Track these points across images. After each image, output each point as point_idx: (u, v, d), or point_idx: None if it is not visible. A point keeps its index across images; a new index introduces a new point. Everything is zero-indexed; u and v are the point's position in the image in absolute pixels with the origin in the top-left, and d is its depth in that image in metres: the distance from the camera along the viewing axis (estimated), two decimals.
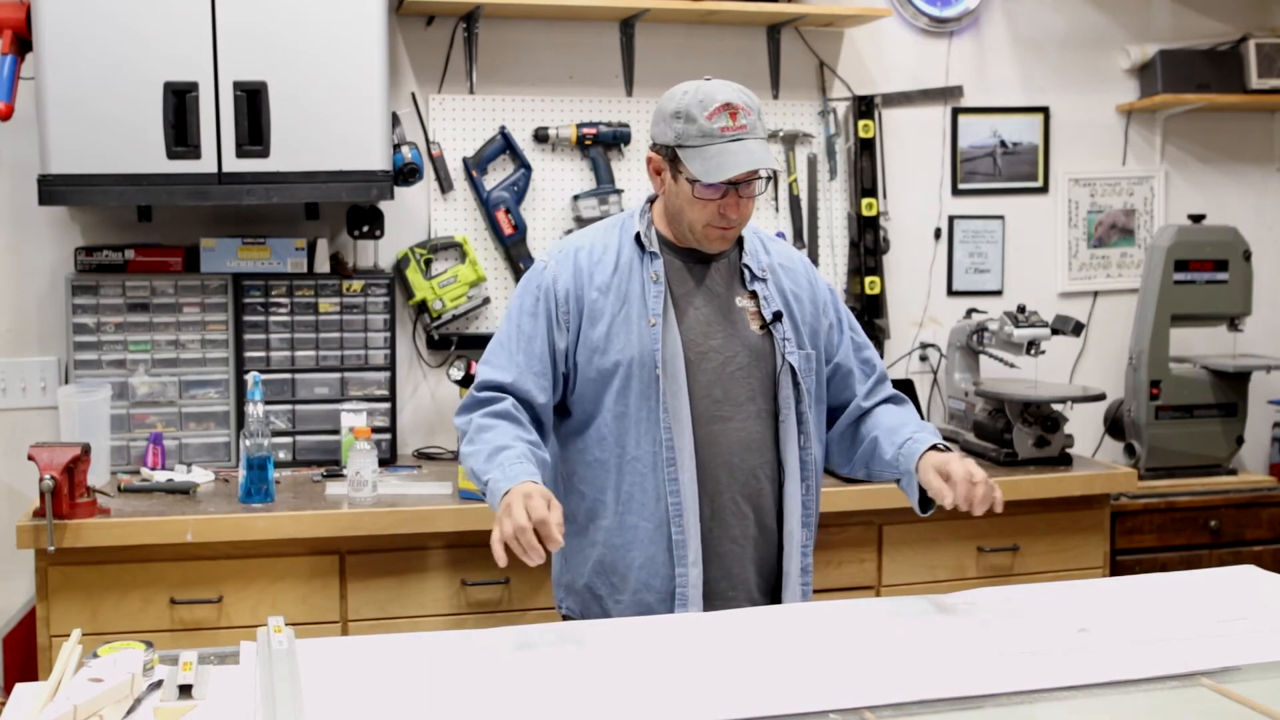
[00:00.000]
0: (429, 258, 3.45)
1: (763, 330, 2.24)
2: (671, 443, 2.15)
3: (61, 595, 2.71)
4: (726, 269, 2.26)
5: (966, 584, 3.07)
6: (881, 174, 3.81)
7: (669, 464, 2.15)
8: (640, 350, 2.16)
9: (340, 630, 2.84)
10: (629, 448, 2.18)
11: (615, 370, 2.17)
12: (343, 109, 2.99)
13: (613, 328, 2.18)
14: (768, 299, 2.24)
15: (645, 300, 2.18)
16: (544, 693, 1.71)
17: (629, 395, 2.17)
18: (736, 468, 2.20)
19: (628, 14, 3.50)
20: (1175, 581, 2.26)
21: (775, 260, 2.30)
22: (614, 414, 2.18)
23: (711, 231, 2.17)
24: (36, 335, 3.31)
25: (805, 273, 2.34)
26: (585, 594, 2.27)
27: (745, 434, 2.21)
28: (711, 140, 2.10)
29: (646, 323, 2.17)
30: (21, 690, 1.70)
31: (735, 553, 2.22)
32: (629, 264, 2.21)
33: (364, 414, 3.23)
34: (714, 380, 2.20)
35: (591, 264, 2.21)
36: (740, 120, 2.10)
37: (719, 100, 2.10)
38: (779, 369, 2.22)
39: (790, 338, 2.24)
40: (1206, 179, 4.12)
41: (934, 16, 3.82)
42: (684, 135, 2.11)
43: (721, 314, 2.23)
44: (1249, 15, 4.09)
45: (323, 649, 1.87)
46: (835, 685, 1.71)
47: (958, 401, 3.72)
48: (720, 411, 2.19)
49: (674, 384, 2.16)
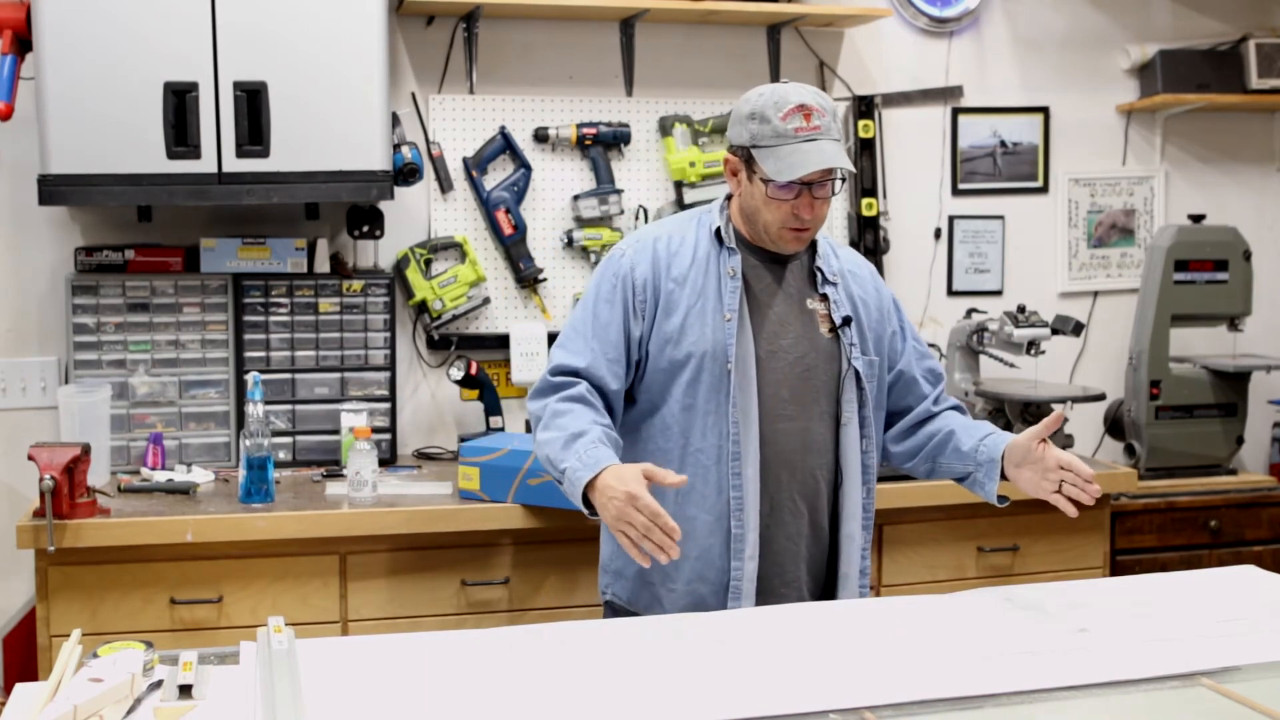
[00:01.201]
0: (429, 258, 3.45)
1: (831, 333, 2.27)
2: (738, 438, 2.17)
3: (61, 595, 2.71)
4: (800, 270, 2.29)
5: (966, 584, 3.07)
6: (881, 174, 3.81)
7: (734, 458, 2.17)
8: (714, 344, 2.18)
9: (340, 630, 2.84)
10: (694, 439, 2.20)
11: (687, 362, 2.19)
12: (343, 109, 2.99)
13: (688, 320, 2.20)
14: (838, 303, 2.27)
15: (722, 295, 2.20)
16: (543, 693, 1.71)
17: (698, 388, 2.19)
18: (797, 467, 2.23)
19: (628, 14, 3.50)
20: (1175, 581, 2.26)
21: (845, 266, 2.33)
22: (682, 405, 2.21)
23: (786, 233, 2.20)
24: (36, 335, 3.31)
25: (872, 279, 2.38)
26: (636, 581, 2.28)
27: (808, 434, 2.24)
28: (785, 140, 2.13)
29: (722, 318, 2.19)
30: (21, 690, 1.69)
31: (790, 550, 2.25)
32: (706, 257, 2.23)
33: (364, 414, 3.23)
34: (782, 380, 2.22)
35: (670, 254, 2.24)
36: (814, 121, 2.13)
37: (793, 101, 2.14)
38: (844, 373, 2.25)
39: (856, 342, 2.27)
40: (1206, 179, 4.12)
41: (934, 16, 3.82)
42: (759, 136, 2.15)
43: (794, 314, 2.25)
44: (1249, 15, 4.09)
45: (323, 649, 1.87)
46: (835, 685, 1.71)
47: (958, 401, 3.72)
48: (786, 411, 2.22)
49: (744, 380, 2.18)
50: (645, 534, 1.94)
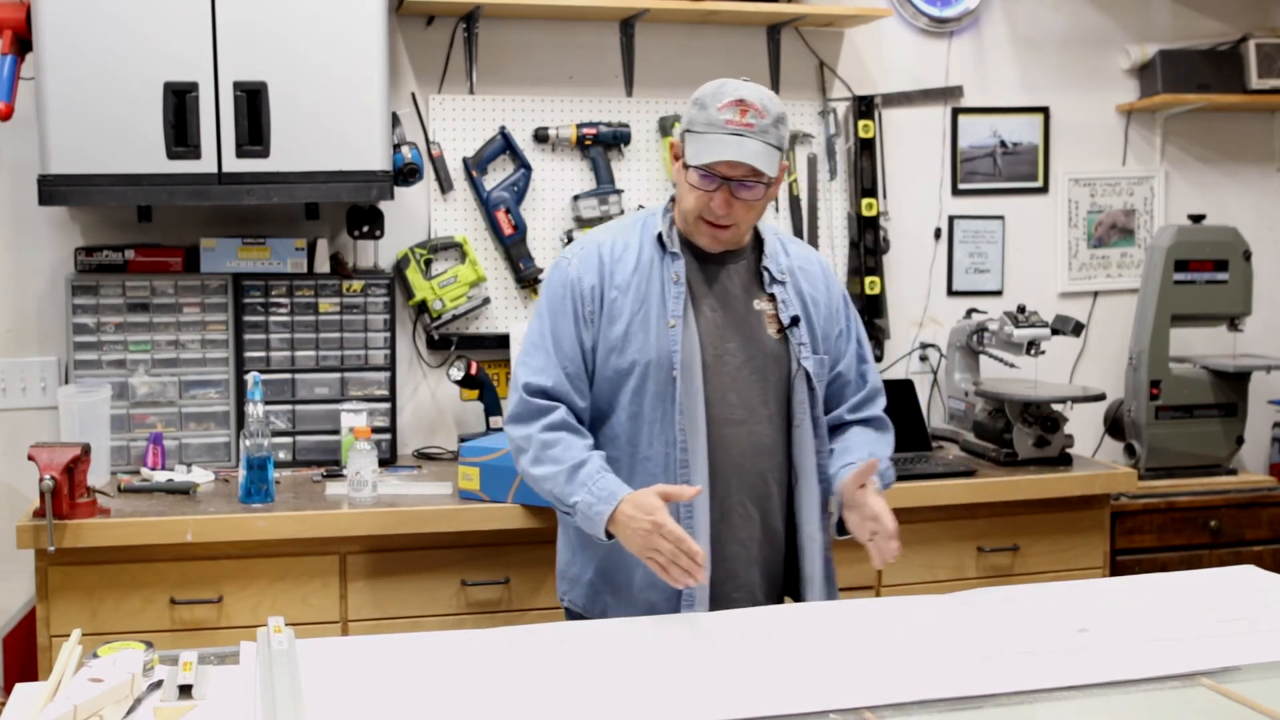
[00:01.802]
0: (429, 258, 3.45)
1: (779, 334, 2.24)
2: (686, 445, 2.15)
3: (61, 595, 2.71)
4: (746, 271, 2.26)
5: (966, 584, 3.07)
6: (881, 174, 3.81)
7: (682, 466, 2.16)
8: (658, 351, 2.16)
9: (340, 630, 2.84)
10: (641, 448, 2.18)
11: (631, 370, 2.18)
12: (343, 109, 2.99)
13: (631, 327, 2.18)
14: (786, 302, 2.24)
15: (665, 301, 2.18)
16: (544, 693, 1.71)
17: (644, 396, 2.17)
18: (747, 470, 2.21)
19: (628, 14, 3.50)
20: (1175, 581, 2.26)
21: (795, 263, 2.30)
22: (628, 414, 2.19)
23: (701, 225, 2.17)
24: (36, 335, 3.31)
25: (823, 275, 2.34)
26: (590, 589, 2.27)
27: (758, 438, 2.22)
28: (713, 129, 2.11)
29: (665, 324, 2.17)
30: (21, 690, 1.70)
31: (742, 555, 2.23)
32: (650, 263, 2.21)
33: (364, 414, 3.23)
34: (729, 384, 2.20)
35: (613, 261, 2.22)
36: (748, 119, 2.11)
37: (733, 95, 2.13)
38: (794, 373, 2.23)
39: (806, 342, 2.24)
40: (1206, 179, 4.12)
41: (934, 16, 3.82)
42: (693, 121, 2.15)
43: (739, 317, 2.23)
44: (1249, 15, 4.09)
45: (323, 649, 1.87)
46: (835, 685, 1.71)
47: (958, 401, 3.72)
48: (734, 415, 2.20)
49: (690, 386, 2.16)
50: (673, 560, 1.96)
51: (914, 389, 3.64)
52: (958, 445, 3.61)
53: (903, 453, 3.43)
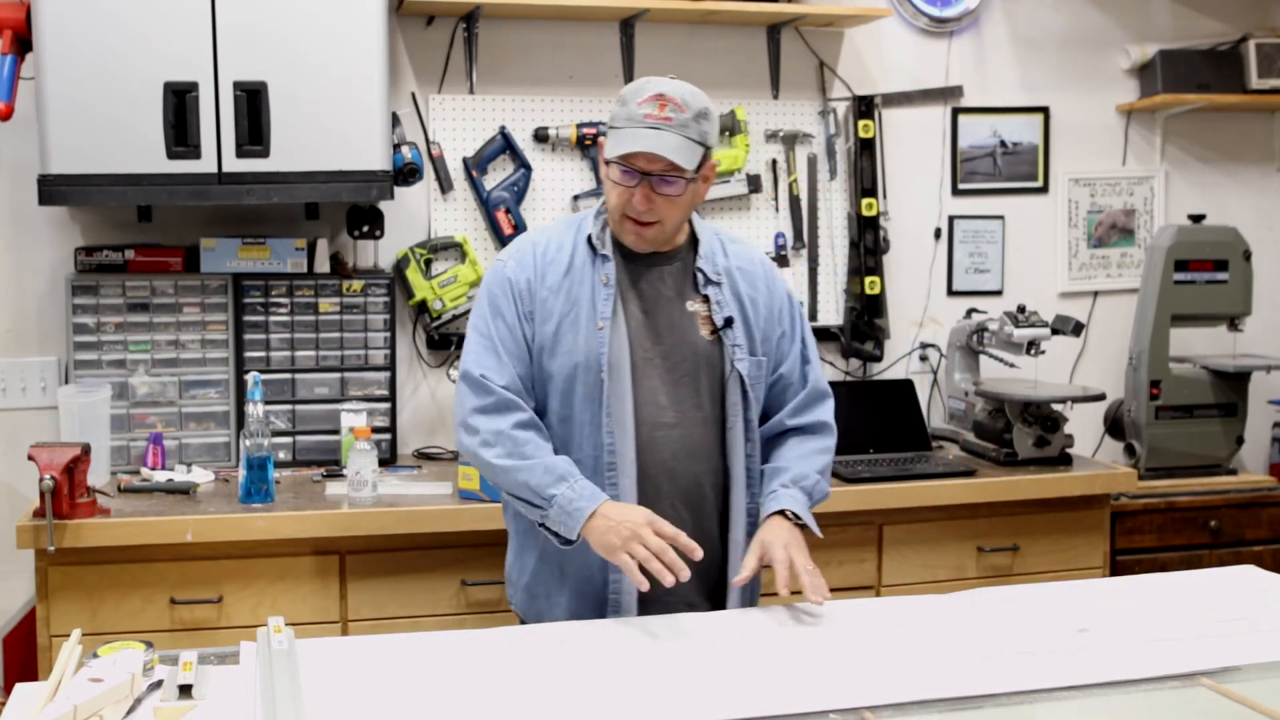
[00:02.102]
0: (429, 258, 3.45)
1: (713, 335, 2.22)
2: (614, 447, 2.14)
3: (61, 595, 2.71)
4: (680, 272, 2.24)
5: (966, 584, 3.07)
6: (881, 174, 3.81)
7: (609, 469, 2.14)
8: (586, 354, 2.15)
9: (340, 630, 2.84)
10: (573, 450, 2.17)
11: (560, 373, 2.16)
12: (343, 109, 2.99)
13: (560, 329, 2.17)
14: (720, 304, 2.22)
15: (595, 303, 2.17)
16: (544, 693, 1.71)
17: (574, 398, 2.16)
18: (679, 474, 2.19)
19: (628, 14, 3.50)
20: (1175, 581, 2.26)
21: (734, 263, 2.27)
22: (559, 416, 2.18)
23: (626, 223, 2.16)
24: (36, 335, 3.31)
25: (765, 276, 2.30)
26: (527, 593, 2.28)
27: (690, 440, 2.20)
28: (632, 124, 2.10)
29: (594, 326, 2.15)
30: (21, 690, 1.70)
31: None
32: (582, 265, 2.20)
33: (364, 414, 3.23)
34: (659, 385, 2.18)
35: (545, 263, 2.21)
36: (667, 113, 2.09)
37: (653, 91, 2.11)
38: (728, 375, 2.21)
39: (741, 344, 2.22)
40: (1206, 179, 4.12)
41: (934, 16, 3.82)
42: (615, 117, 2.14)
43: (671, 318, 2.21)
44: (1249, 15, 4.09)
45: (323, 649, 1.87)
46: (835, 685, 1.71)
47: (958, 401, 3.72)
48: (665, 417, 2.18)
49: (619, 388, 2.14)
50: (658, 553, 1.95)
51: (914, 389, 3.64)
52: (958, 445, 3.61)
53: (903, 453, 3.44)
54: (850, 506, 3.10)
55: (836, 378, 3.79)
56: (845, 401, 3.55)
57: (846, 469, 3.23)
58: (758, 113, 3.69)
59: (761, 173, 3.71)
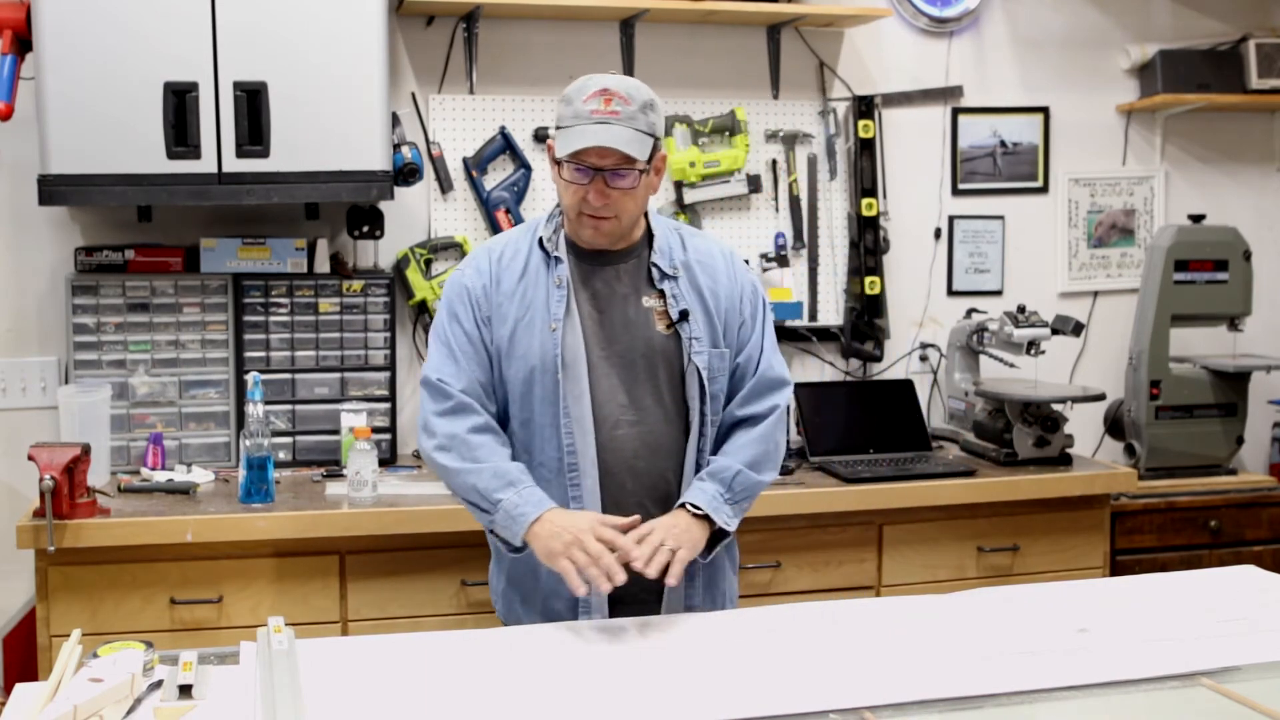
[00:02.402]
0: (429, 258, 3.45)
1: (670, 330, 2.21)
2: (574, 448, 2.14)
3: (61, 595, 2.71)
4: (635, 268, 2.23)
5: (966, 584, 3.07)
6: (881, 174, 3.81)
7: (571, 469, 2.14)
8: (542, 355, 2.15)
9: (340, 630, 2.84)
10: (535, 454, 2.17)
11: (518, 376, 2.17)
12: (343, 109, 2.99)
13: (515, 333, 2.17)
14: (676, 297, 2.21)
15: (548, 305, 2.17)
16: (544, 693, 1.71)
17: (532, 401, 2.16)
18: (642, 471, 2.19)
19: (628, 14, 3.50)
20: (1175, 581, 2.26)
21: (692, 257, 2.26)
22: (520, 421, 2.19)
23: (584, 220, 2.14)
24: (36, 335, 3.31)
25: (726, 268, 2.28)
26: (505, 599, 2.28)
27: (653, 437, 2.19)
28: (579, 121, 2.09)
29: (548, 327, 2.15)
30: (21, 690, 1.70)
31: None
32: (536, 269, 2.20)
33: (364, 414, 3.23)
34: (618, 384, 2.18)
35: (501, 268, 2.21)
36: (613, 106, 2.08)
37: (597, 86, 2.10)
38: (686, 369, 2.20)
39: (701, 336, 2.21)
40: (1206, 179, 4.12)
41: (934, 16, 3.82)
42: (561, 117, 2.13)
43: (626, 316, 2.20)
44: (1249, 15, 4.09)
45: (323, 649, 1.87)
46: (835, 685, 1.71)
47: (958, 401, 3.72)
48: (625, 415, 2.18)
49: (576, 388, 2.14)
50: (595, 560, 1.94)
51: (914, 389, 3.64)
52: (958, 445, 3.61)
53: (903, 453, 3.44)
54: (850, 506, 3.10)
55: (836, 378, 3.79)
56: (845, 401, 3.57)
57: (846, 469, 3.23)
58: (758, 113, 3.69)
59: (761, 173, 3.71)
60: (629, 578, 2.06)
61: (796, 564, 3.08)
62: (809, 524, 3.08)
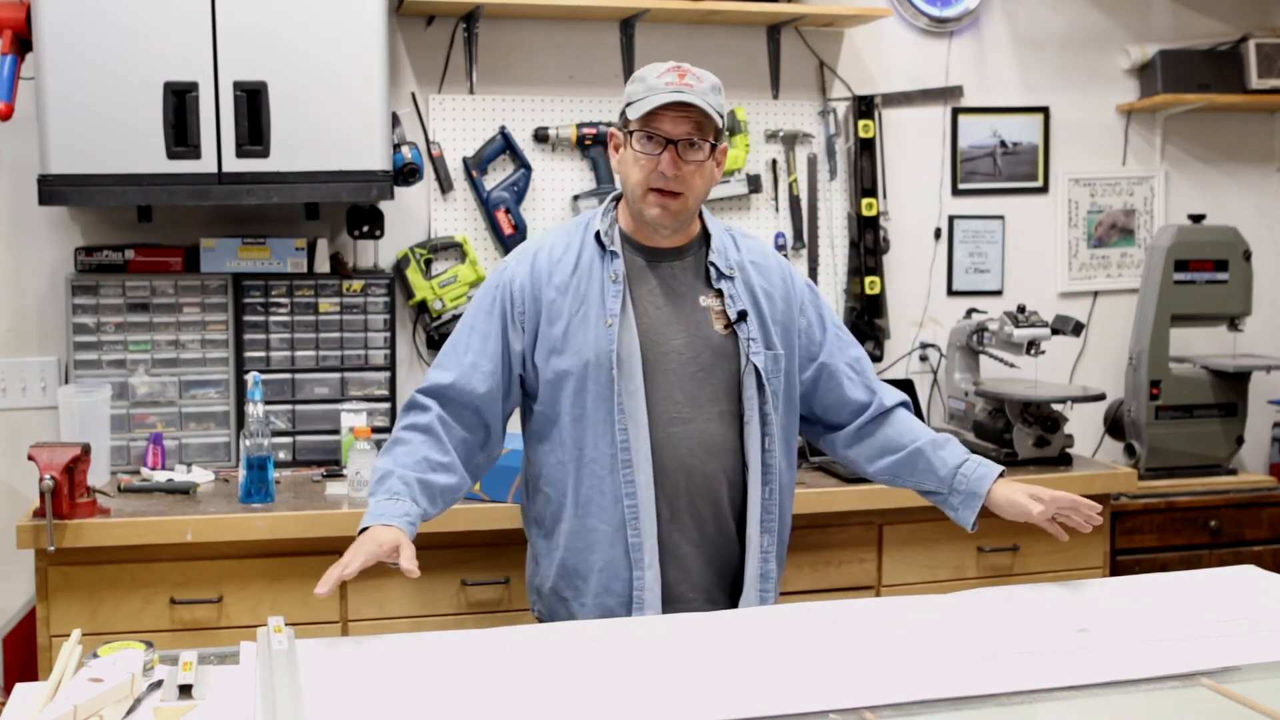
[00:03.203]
0: (429, 258, 3.45)
1: (727, 330, 2.20)
2: (628, 444, 2.12)
3: (61, 595, 2.71)
4: (692, 267, 2.23)
5: (966, 584, 3.07)
6: (881, 174, 3.81)
7: (624, 466, 2.13)
8: (596, 351, 2.13)
9: (340, 630, 2.84)
10: (587, 450, 2.16)
11: (572, 372, 2.15)
12: (343, 109, 2.99)
13: (570, 328, 2.16)
14: (733, 297, 2.21)
15: (604, 300, 2.15)
16: (544, 692, 1.71)
17: (585, 397, 2.15)
18: (696, 470, 2.17)
19: (628, 14, 3.50)
20: (1175, 581, 2.26)
21: (746, 257, 2.26)
22: (572, 416, 2.17)
23: (652, 196, 2.12)
24: (36, 335, 3.31)
25: (780, 270, 2.29)
26: (552, 597, 2.27)
27: (707, 436, 2.18)
28: (655, 92, 2.09)
29: (604, 323, 2.14)
30: (21, 690, 1.69)
31: (694, 555, 2.20)
32: (590, 263, 2.19)
33: (364, 414, 3.23)
34: (674, 381, 2.17)
35: (551, 264, 2.20)
36: (687, 80, 2.10)
37: (671, 64, 2.12)
38: (743, 369, 2.19)
39: (756, 337, 2.20)
40: (1206, 179, 4.12)
41: (934, 16, 3.83)
42: (632, 94, 2.13)
43: (684, 313, 2.19)
44: (1249, 15, 4.09)
45: (323, 649, 1.87)
46: (835, 685, 1.71)
47: (958, 401, 3.72)
48: (680, 413, 2.17)
49: (630, 384, 2.13)
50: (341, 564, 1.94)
51: (914, 389, 3.64)
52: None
53: None
54: (850, 506, 3.10)
55: None
56: None
57: (846, 469, 3.23)
58: (758, 113, 3.69)
59: (761, 173, 3.71)
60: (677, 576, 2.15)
61: (796, 564, 3.08)
62: (809, 524, 3.07)
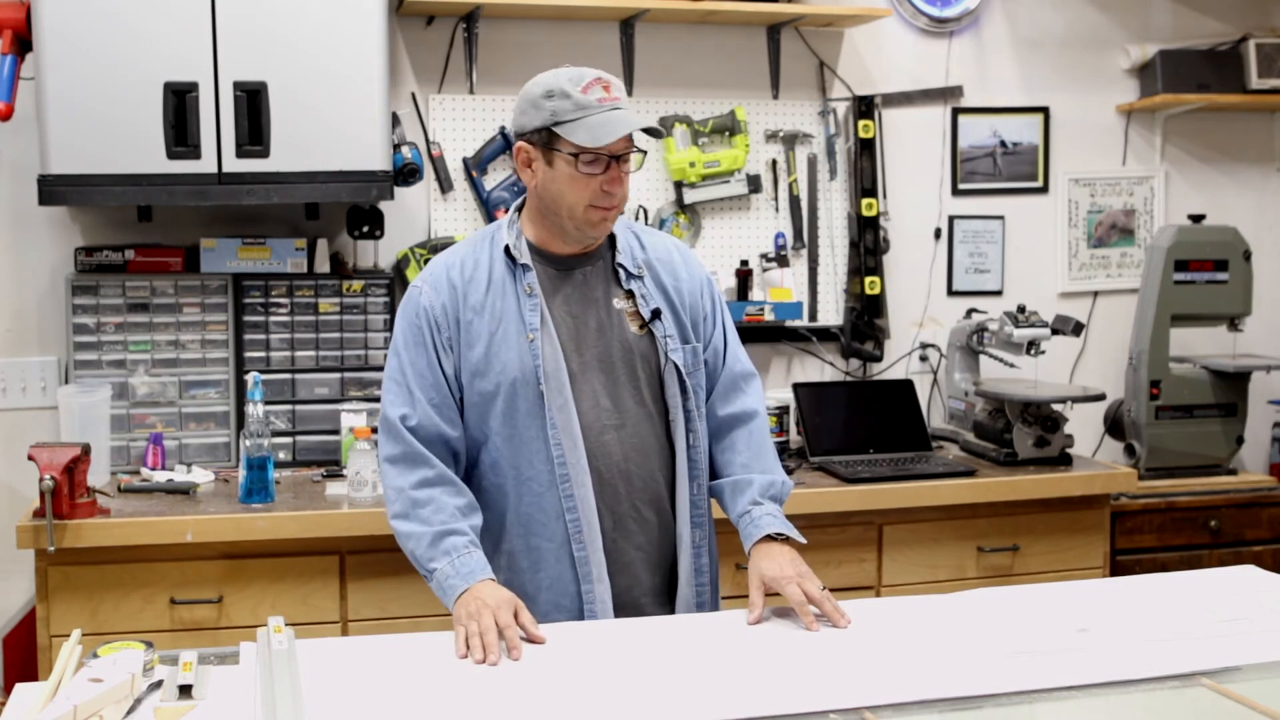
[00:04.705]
0: (429, 258, 3.44)
1: (643, 330, 2.18)
2: (564, 459, 2.09)
3: (61, 595, 2.71)
4: (601, 270, 2.19)
5: (966, 584, 3.07)
6: (881, 174, 3.81)
7: (564, 480, 2.10)
8: (521, 368, 2.09)
9: (340, 630, 2.84)
10: (523, 469, 2.12)
11: (498, 392, 2.11)
12: (343, 109, 2.99)
13: (491, 348, 2.11)
14: (645, 297, 2.18)
15: (522, 315, 2.11)
16: (544, 693, 1.71)
17: (516, 415, 2.11)
18: (634, 474, 2.15)
19: (628, 14, 3.50)
20: (1175, 581, 2.26)
21: (652, 254, 2.24)
22: (503, 437, 2.12)
23: (593, 213, 2.09)
24: (36, 335, 3.31)
25: (684, 264, 2.26)
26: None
27: (638, 439, 2.16)
28: (591, 111, 2.06)
29: (525, 339, 2.10)
30: (21, 690, 1.70)
31: (641, 560, 2.18)
32: (502, 280, 2.14)
33: (364, 414, 3.23)
34: (600, 389, 2.14)
35: (464, 283, 2.14)
36: (614, 93, 2.08)
37: (590, 76, 2.08)
38: (664, 368, 2.17)
39: (673, 334, 2.18)
40: (1206, 179, 4.12)
41: (934, 16, 3.82)
42: (560, 111, 2.07)
43: (600, 319, 2.16)
44: (1249, 15, 4.09)
45: (323, 649, 1.87)
46: (835, 685, 1.71)
47: (958, 401, 3.72)
48: (610, 420, 2.14)
49: (559, 398, 2.10)
50: (483, 633, 1.87)
51: (914, 389, 3.64)
52: (958, 445, 3.61)
53: (903, 453, 3.44)
54: (850, 506, 3.10)
55: (836, 378, 3.79)
56: (845, 401, 3.57)
57: (846, 469, 3.23)
58: (758, 113, 3.69)
59: (761, 173, 3.71)
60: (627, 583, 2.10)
61: None
62: (808, 524, 3.04)
